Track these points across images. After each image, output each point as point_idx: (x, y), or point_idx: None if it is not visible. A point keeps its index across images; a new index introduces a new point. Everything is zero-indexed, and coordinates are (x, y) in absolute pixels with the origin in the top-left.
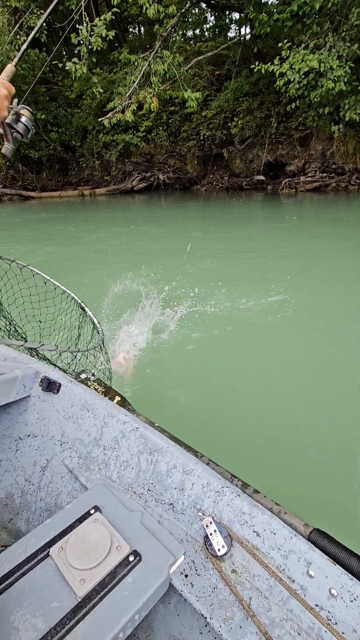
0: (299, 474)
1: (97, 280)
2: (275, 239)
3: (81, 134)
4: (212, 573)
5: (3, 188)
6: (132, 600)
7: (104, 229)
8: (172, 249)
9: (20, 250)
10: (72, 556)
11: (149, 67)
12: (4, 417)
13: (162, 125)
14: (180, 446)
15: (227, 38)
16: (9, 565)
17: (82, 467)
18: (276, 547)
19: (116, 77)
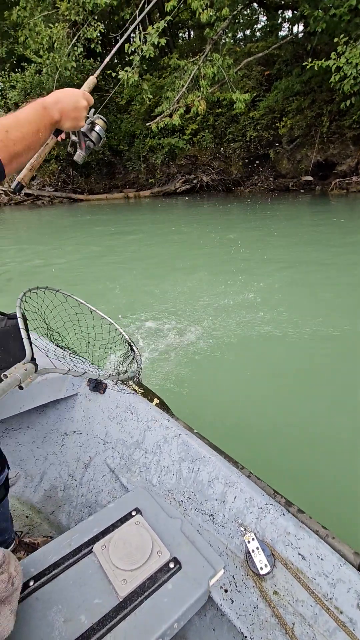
0: (350, 494)
1: (128, 280)
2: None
3: (129, 138)
4: (252, 591)
5: (55, 191)
6: (172, 607)
7: (144, 230)
8: (209, 253)
9: (65, 249)
10: (115, 555)
11: (199, 70)
12: (52, 413)
13: (208, 127)
14: (220, 456)
15: (279, 37)
16: (54, 556)
17: (123, 468)
18: (323, 573)
19: (165, 82)
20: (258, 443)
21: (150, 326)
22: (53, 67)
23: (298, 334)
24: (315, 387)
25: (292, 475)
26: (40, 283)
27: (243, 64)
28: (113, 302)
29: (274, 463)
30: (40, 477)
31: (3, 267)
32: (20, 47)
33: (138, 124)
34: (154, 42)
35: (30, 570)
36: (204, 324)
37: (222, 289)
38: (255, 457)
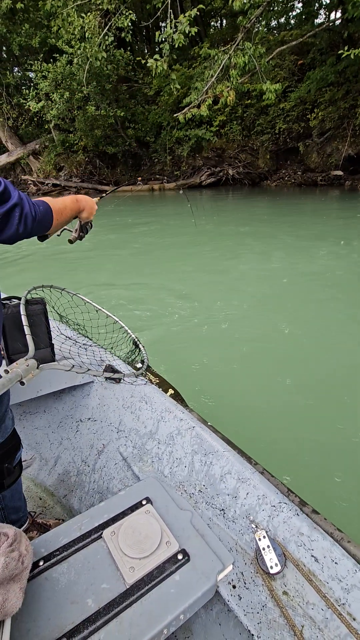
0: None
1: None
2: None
3: (156, 130)
4: (261, 590)
5: (81, 182)
6: (178, 598)
7: (160, 223)
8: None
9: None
10: (124, 543)
11: (229, 60)
12: (68, 399)
13: (237, 119)
14: (234, 450)
15: (314, 25)
16: (65, 539)
17: (135, 457)
18: (337, 577)
19: (194, 73)
20: (274, 439)
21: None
22: (84, 58)
23: (323, 330)
24: (344, 386)
25: (308, 474)
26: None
27: (275, 53)
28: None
29: (289, 461)
30: (55, 461)
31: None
32: (53, 38)
33: (165, 115)
34: (184, 31)
35: (40, 551)
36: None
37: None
38: (270, 454)
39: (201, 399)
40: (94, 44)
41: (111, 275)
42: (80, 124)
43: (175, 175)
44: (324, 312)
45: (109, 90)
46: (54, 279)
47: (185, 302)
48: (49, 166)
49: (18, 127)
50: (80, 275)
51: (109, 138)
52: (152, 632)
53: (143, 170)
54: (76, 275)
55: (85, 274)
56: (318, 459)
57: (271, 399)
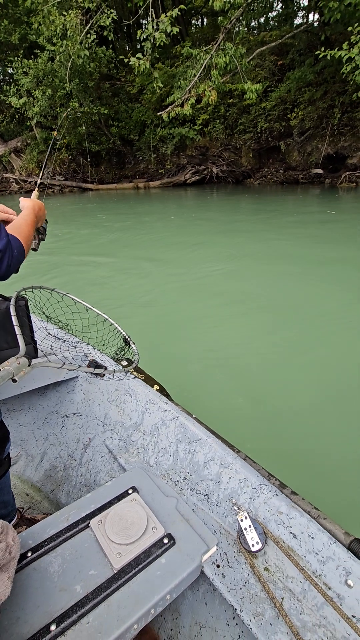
0: (343, 477)
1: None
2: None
3: (140, 128)
4: (244, 567)
5: (65, 180)
6: (164, 580)
7: (136, 220)
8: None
9: (62, 231)
10: (111, 530)
11: (211, 60)
12: (53, 395)
13: (219, 118)
14: (217, 438)
15: (293, 26)
16: (52, 530)
17: (121, 449)
18: (313, 551)
19: (177, 71)
20: (253, 427)
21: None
22: (66, 55)
23: (292, 317)
24: (317, 372)
25: (286, 459)
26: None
27: (256, 54)
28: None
29: (269, 447)
30: (41, 457)
31: None
32: (33, 34)
33: (149, 113)
34: (165, 30)
35: (28, 542)
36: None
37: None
38: (250, 441)
39: (184, 394)
40: (75, 41)
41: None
42: (63, 121)
43: (160, 174)
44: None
45: (91, 87)
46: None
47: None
48: (32, 164)
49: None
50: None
51: (92, 136)
52: (140, 612)
53: (127, 169)
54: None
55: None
56: (300, 445)
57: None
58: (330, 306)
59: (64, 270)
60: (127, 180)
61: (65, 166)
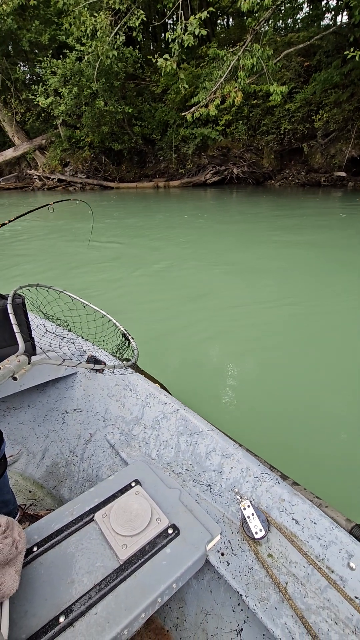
0: (343, 469)
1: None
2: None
3: (162, 127)
4: (248, 554)
5: (87, 178)
6: (170, 569)
7: (146, 218)
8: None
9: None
10: (115, 523)
11: (238, 61)
12: (52, 391)
13: (243, 118)
14: (219, 431)
15: (321, 27)
16: (57, 524)
17: (123, 443)
18: (316, 536)
19: (202, 72)
20: (253, 422)
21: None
22: (95, 55)
23: (294, 310)
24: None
25: (287, 451)
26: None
27: (283, 55)
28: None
29: (270, 439)
30: (42, 454)
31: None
32: (62, 35)
33: (172, 113)
34: (194, 32)
35: (33, 538)
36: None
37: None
38: (251, 436)
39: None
40: (104, 42)
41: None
42: (88, 120)
43: (180, 173)
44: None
45: (117, 87)
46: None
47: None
48: (55, 161)
49: (25, 122)
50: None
51: (115, 135)
52: (147, 601)
53: (148, 168)
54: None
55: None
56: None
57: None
58: (332, 301)
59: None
60: (147, 179)
61: (87, 164)
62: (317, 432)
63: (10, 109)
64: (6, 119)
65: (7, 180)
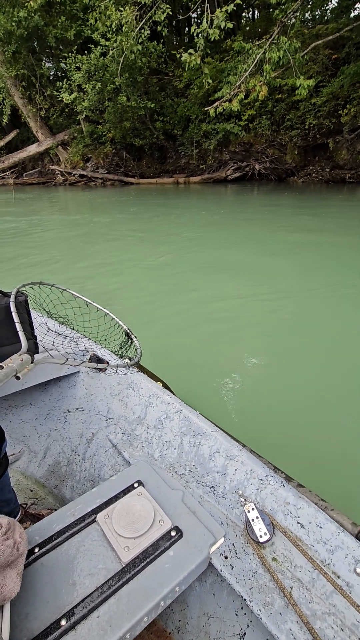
0: (349, 471)
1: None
2: None
3: (184, 123)
4: (252, 558)
5: (107, 173)
6: (173, 572)
7: (161, 214)
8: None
9: (101, 221)
10: (118, 524)
11: (264, 55)
12: (55, 390)
13: (266, 113)
14: (223, 432)
15: (351, 18)
16: (59, 525)
17: (125, 443)
18: (322, 541)
19: (226, 66)
20: (258, 423)
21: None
22: (119, 50)
23: (299, 313)
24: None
25: (291, 453)
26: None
27: (310, 48)
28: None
29: (274, 441)
30: (44, 452)
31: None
32: (87, 30)
33: (194, 108)
34: (220, 26)
35: (35, 538)
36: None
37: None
38: (255, 437)
39: (187, 390)
40: (130, 37)
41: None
42: (110, 115)
43: (201, 169)
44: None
45: (140, 82)
46: None
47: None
48: (77, 157)
49: (49, 118)
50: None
51: (136, 130)
52: (149, 605)
53: (168, 163)
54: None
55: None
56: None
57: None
58: (335, 303)
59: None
60: (167, 175)
61: (109, 160)
62: (322, 433)
63: (34, 104)
64: (31, 114)
65: (30, 175)
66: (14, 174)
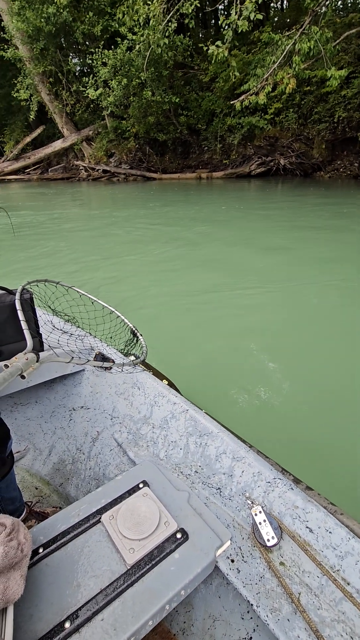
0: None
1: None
2: None
3: (208, 117)
4: (259, 562)
5: (130, 169)
6: (178, 575)
7: (180, 209)
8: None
9: (119, 215)
10: (123, 525)
11: (293, 45)
12: (60, 388)
13: (293, 106)
14: (229, 432)
15: None
16: (63, 525)
17: (130, 442)
18: (331, 546)
19: (254, 59)
20: (266, 423)
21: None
22: (146, 45)
23: (308, 312)
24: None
25: (300, 454)
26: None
27: (343, 38)
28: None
29: (282, 442)
30: (49, 450)
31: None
32: (115, 24)
33: (219, 102)
34: (248, 17)
35: (39, 538)
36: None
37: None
38: (263, 437)
39: (193, 389)
40: (157, 30)
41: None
42: (134, 110)
43: (224, 164)
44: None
45: (165, 76)
46: None
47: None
48: (101, 152)
49: (74, 114)
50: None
51: (160, 125)
52: (154, 608)
53: (191, 158)
54: None
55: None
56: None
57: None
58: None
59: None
60: (190, 170)
61: (132, 155)
62: (332, 433)
63: (61, 100)
64: (57, 110)
65: (55, 170)
66: (39, 170)
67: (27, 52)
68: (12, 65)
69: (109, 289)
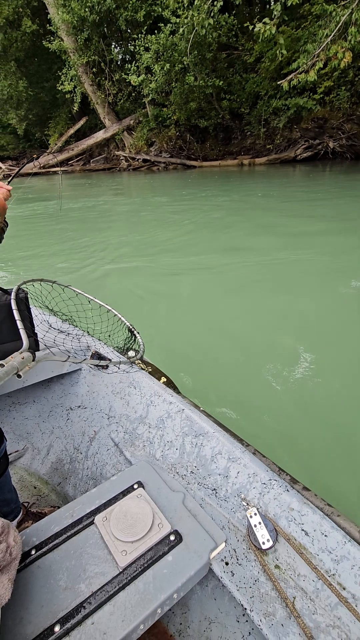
0: (358, 473)
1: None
2: None
3: (252, 100)
4: (254, 565)
5: (170, 157)
6: (171, 579)
7: (209, 197)
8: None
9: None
10: (115, 527)
11: (350, 16)
12: (57, 387)
13: (346, 84)
14: (225, 432)
15: None
16: (56, 527)
17: (127, 442)
18: (327, 549)
19: (303, 34)
20: (264, 421)
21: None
22: (190, 27)
23: (309, 311)
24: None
25: (297, 454)
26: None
27: None
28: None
29: (279, 441)
30: (47, 450)
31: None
32: (158, 8)
33: (265, 83)
34: None
35: (32, 540)
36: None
37: None
38: (260, 435)
39: (192, 386)
40: (202, 10)
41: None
42: (176, 97)
43: (268, 149)
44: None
45: (208, 59)
46: None
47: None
48: (141, 141)
49: (116, 104)
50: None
51: (202, 111)
52: (146, 612)
53: (233, 145)
54: None
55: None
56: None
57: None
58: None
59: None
60: (231, 157)
61: (172, 143)
62: (331, 435)
63: (103, 90)
64: (99, 100)
65: (97, 161)
66: (81, 161)
67: (71, 44)
68: (57, 58)
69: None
